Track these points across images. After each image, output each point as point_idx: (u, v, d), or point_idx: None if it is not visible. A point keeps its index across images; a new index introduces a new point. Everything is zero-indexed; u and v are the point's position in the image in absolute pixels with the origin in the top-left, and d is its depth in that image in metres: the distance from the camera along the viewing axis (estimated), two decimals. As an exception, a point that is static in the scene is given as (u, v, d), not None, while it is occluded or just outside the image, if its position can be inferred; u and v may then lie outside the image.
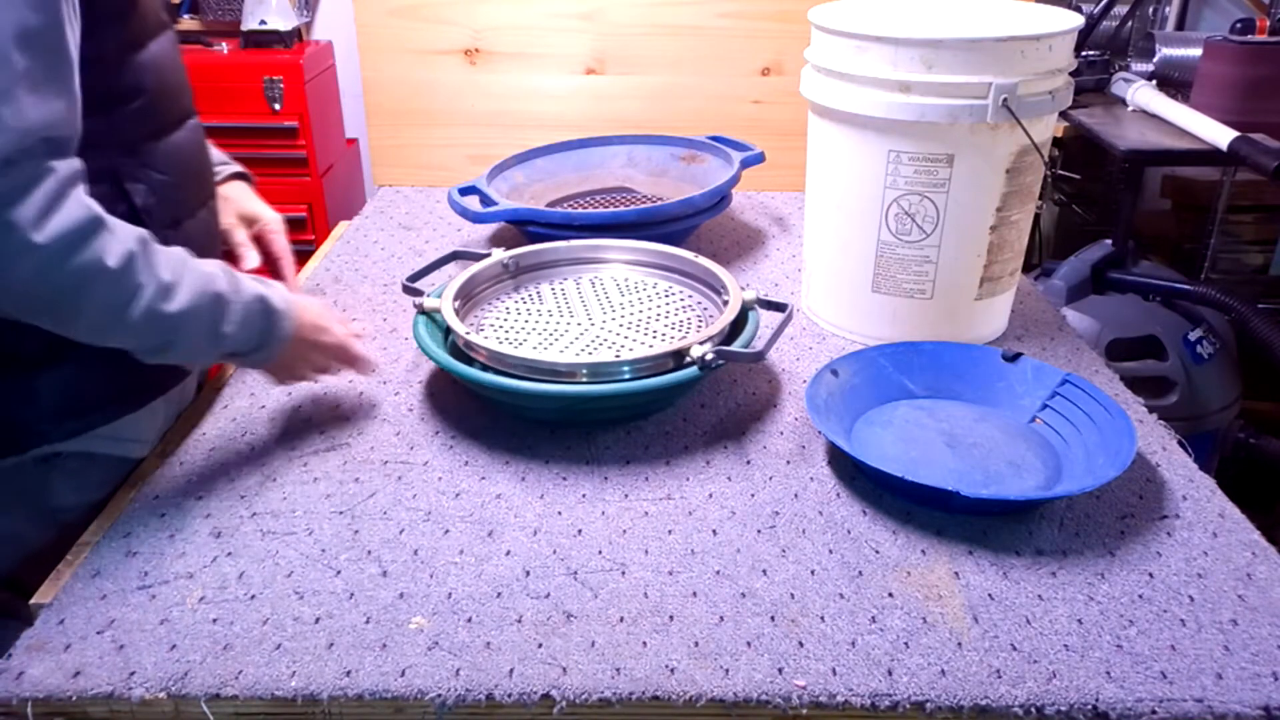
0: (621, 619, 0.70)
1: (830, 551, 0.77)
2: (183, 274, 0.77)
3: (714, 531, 0.79)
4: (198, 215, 0.93)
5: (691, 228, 1.33)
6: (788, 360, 1.07)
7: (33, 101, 0.67)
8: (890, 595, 0.72)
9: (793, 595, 0.72)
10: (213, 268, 0.81)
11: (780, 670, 0.65)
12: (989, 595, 0.72)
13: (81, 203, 0.70)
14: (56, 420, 0.85)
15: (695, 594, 0.72)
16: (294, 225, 2.36)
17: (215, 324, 0.79)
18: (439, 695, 0.63)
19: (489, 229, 1.44)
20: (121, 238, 0.73)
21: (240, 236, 1.05)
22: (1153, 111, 1.83)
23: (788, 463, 0.88)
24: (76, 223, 0.69)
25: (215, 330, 0.79)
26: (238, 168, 1.10)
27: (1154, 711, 0.62)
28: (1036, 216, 2.22)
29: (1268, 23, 1.92)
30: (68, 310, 0.71)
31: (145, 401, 0.90)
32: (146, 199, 0.84)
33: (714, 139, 1.46)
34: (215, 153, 1.06)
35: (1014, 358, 0.97)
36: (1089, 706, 0.62)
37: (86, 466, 0.88)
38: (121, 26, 0.81)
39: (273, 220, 1.08)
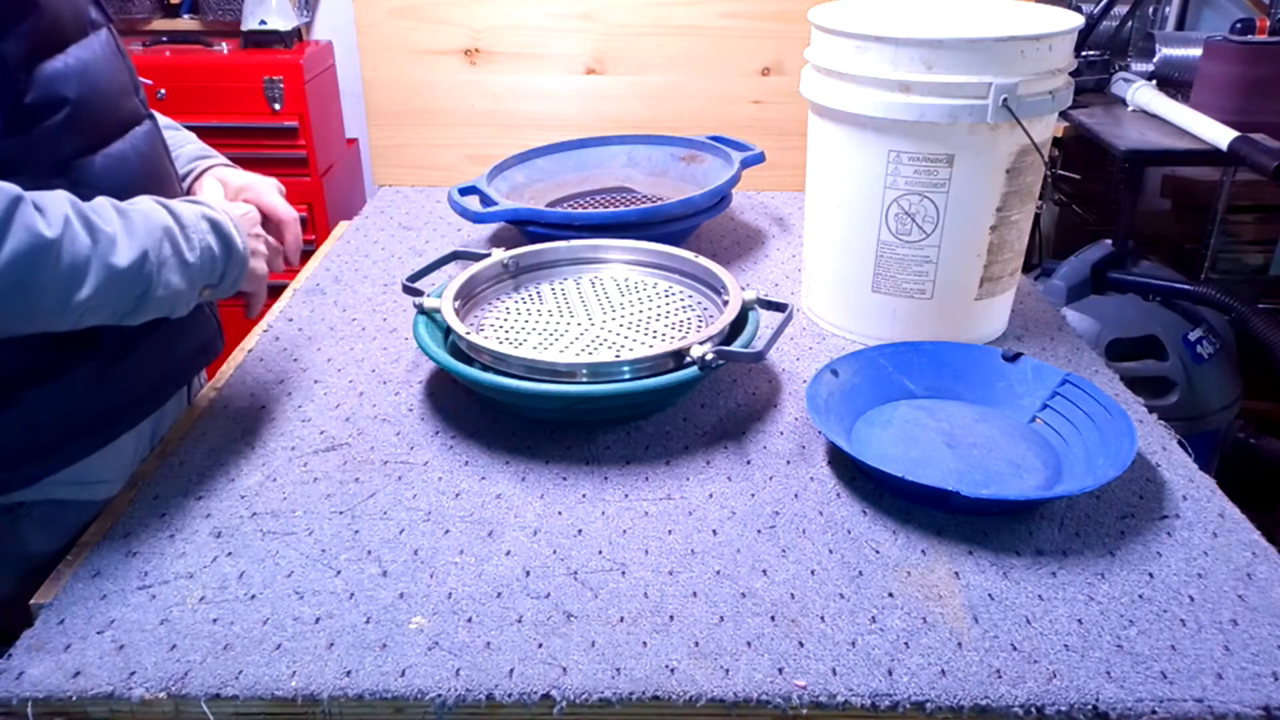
0: (621, 619, 0.70)
1: (830, 551, 0.77)
2: (121, 221, 0.73)
3: (714, 531, 0.79)
4: None
5: (691, 228, 1.33)
6: (788, 360, 1.07)
7: None
8: (890, 595, 0.72)
9: (793, 595, 0.72)
10: (146, 204, 0.77)
11: (780, 670, 0.65)
12: (989, 595, 0.72)
13: None
14: (11, 468, 0.80)
15: (695, 594, 0.72)
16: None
17: (178, 255, 0.76)
18: (439, 695, 0.63)
19: (489, 229, 1.44)
20: (50, 206, 0.68)
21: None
22: (1153, 111, 1.83)
23: (788, 463, 0.88)
24: None
25: (182, 263, 0.76)
26: (222, 160, 1.01)
27: (1154, 711, 0.62)
28: (1036, 216, 2.21)
29: (1268, 23, 1.92)
30: (27, 296, 0.66)
31: (107, 440, 0.85)
32: None
33: (714, 139, 1.46)
34: (196, 148, 1.00)
35: (1014, 358, 0.97)
36: (1089, 706, 0.62)
37: (58, 513, 0.83)
38: (22, 30, 0.72)
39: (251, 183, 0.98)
